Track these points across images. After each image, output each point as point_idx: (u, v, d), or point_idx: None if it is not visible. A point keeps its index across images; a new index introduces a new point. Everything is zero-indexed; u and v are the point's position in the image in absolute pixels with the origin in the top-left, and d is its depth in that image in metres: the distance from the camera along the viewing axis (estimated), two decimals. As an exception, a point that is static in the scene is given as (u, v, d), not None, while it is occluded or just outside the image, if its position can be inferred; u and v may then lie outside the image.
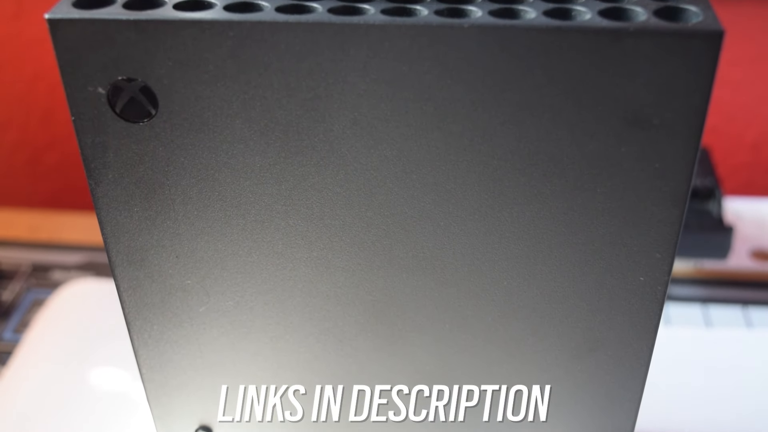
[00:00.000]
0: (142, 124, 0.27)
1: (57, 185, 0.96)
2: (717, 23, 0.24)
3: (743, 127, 0.84)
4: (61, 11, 0.26)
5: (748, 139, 0.85)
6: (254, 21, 0.25)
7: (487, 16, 0.25)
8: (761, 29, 0.78)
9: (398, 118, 0.26)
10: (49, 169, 0.95)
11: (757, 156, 0.86)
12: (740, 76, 0.81)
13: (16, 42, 0.88)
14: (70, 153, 0.93)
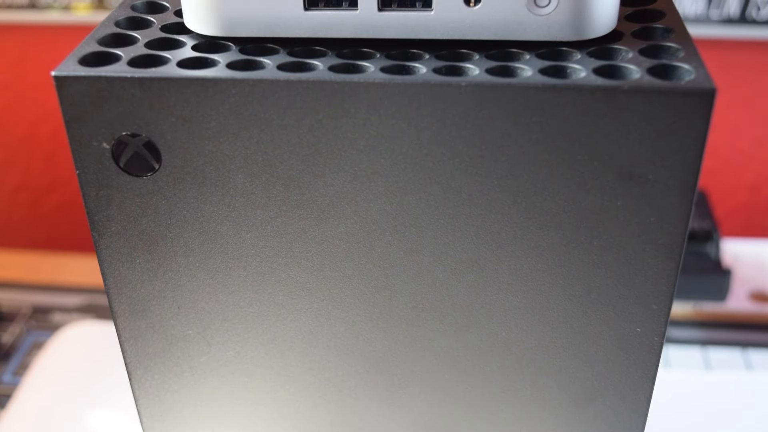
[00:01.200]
0: (146, 177, 0.28)
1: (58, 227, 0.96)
2: (709, 81, 0.25)
3: (740, 169, 0.85)
4: (67, 68, 0.26)
5: (745, 181, 0.85)
6: (256, 79, 0.26)
7: (485, 75, 0.26)
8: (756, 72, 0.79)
9: (397, 173, 0.27)
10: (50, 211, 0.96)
11: (755, 198, 0.86)
12: (736, 118, 0.82)
13: (19, 85, 0.89)
14: (71, 195, 0.94)
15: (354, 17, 0.27)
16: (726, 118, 0.81)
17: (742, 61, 0.78)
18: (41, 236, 0.97)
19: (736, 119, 0.82)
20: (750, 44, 0.77)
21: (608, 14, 0.27)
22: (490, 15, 0.27)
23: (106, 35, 0.29)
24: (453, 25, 0.27)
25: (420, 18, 0.27)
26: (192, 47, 0.28)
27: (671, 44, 0.27)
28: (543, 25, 0.27)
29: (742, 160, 0.84)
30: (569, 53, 0.27)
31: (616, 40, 0.28)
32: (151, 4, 0.31)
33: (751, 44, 0.77)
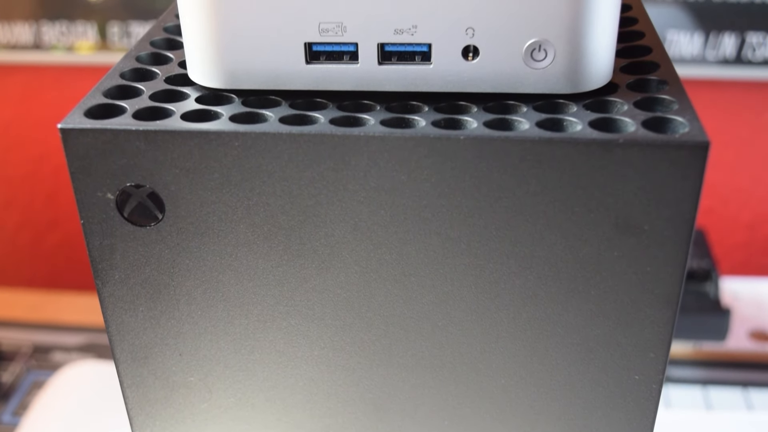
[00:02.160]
0: (149, 227, 0.28)
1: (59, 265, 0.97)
2: (703, 134, 0.25)
3: (738, 207, 0.85)
4: (73, 121, 0.27)
5: (743, 219, 0.86)
6: (258, 132, 0.26)
7: (483, 128, 0.26)
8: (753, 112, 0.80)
9: (397, 224, 0.27)
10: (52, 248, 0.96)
11: (753, 236, 0.87)
12: (734, 157, 0.82)
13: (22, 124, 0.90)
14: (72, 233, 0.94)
15: (355, 71, 0.28)
16: (724, 157, 0.82)
17: (739, 101, 0.79)
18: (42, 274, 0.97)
19: (734, 158, 0.82)
20: (746, 84, 0.78)
21: (603, 68, 0.28)
22: (487, 68, 0.27)
23: (111, 87, 0.29)
24: (452, 79, 0.28)
25: (419, 71, 0.28)
26: (195, 99, 0.28)
27: (665, 96, 0.28)
28: (540, 78, 0.27)
29: (740, 199, 0.85)
30: (566, 105, 0.28)
31: (612, 92, 0.28)
32: (156, 56, 0.32)
33: (748, 84, 0.78)
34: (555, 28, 0.26)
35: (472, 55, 0.27)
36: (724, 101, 0.79)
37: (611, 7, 0.27)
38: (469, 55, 0.27)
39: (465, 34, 0.27)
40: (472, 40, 0.27)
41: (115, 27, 0.81)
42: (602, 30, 0.27)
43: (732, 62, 0.76)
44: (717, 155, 0.82)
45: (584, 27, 0.26)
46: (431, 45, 0.27)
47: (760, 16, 0.74)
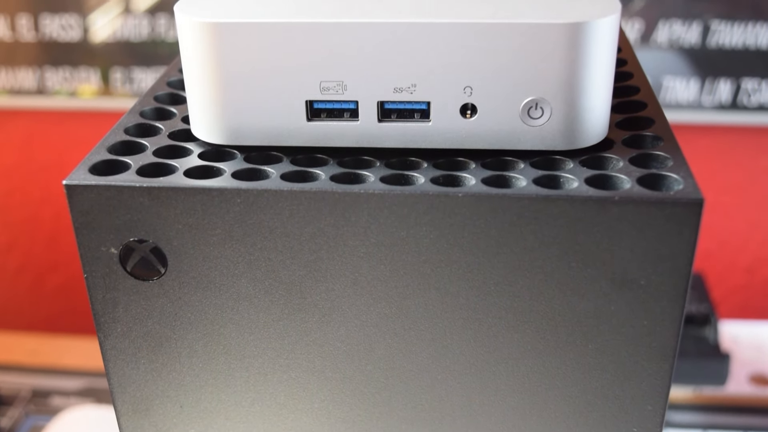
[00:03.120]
0: (152, 281, 0.29)
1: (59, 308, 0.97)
2: (697, 191, 0.26)
3: (737, 251, 0.85)
4: (77, 177, 0.27)
5: (741, 262, 0.86)
6: (260, 189, 0.26)
7: (480, 185, 0.27)
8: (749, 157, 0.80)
9: (397, 279, 0.27)
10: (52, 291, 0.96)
11: (752, 279, 0.87)
12: (731, 201, 0.83)
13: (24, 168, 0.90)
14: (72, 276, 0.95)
15: (355, 128, 0.28)
16: (721, 200, 0.83)
17: (735, 145, 0.80)
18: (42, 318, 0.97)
19: (732, 202, 0.83)
20: (742, 130, 0.79)
21: (599, 125, 0.28)
22: (485, 126, 0.28)
23: (115, 143, 0.30)
24: (450, 136, 0.28)
25: (418, 129, 0.28)
26: (198, 155, 0.29)
27: (660, 153, 0.28)
28: (536, 135, 0.28)
29: (738, 242, 0.85)
30: (562, 162, 0.28)
31: (608, 148, 0.29)
32: (160, 111, 0.32)
33: (743, 130, 0.79)
34: (551, 86, 0.27)
35: (470, 113, 0.28)
36: (720, 146, 0.80)
37: (606, 66, 0.27)
38: (467, 112, 0.28)
39: (463, 93, 0.27)
40: (470, 98, 0.27)
41: (117, 72, 0.82)
42: (598, 88, 0.27)
43: (728, 108, 0.76)
44: (714, 199, 0.83)
45: (580, 86, 0.27)
46: (430, 103, 0.28)
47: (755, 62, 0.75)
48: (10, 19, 0.81)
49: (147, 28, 0.80)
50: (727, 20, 0.73)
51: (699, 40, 0.74)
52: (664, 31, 0.74)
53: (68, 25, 0.81)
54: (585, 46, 0.26)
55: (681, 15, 0.74)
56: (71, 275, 0.95)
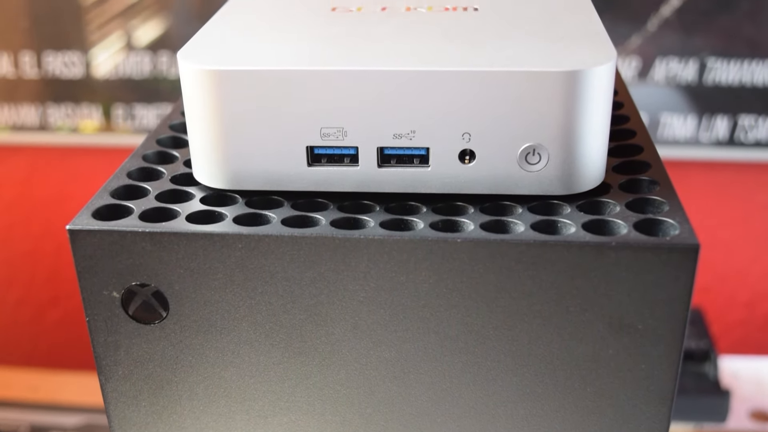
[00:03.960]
0: (153, 325, 0.29)
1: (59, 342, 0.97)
2: (693, 237, 0.26)
3: (736, 286, 0.86)
4: (81, 222, 0.28)
5: (741, 297, 0.86)
6: (261, 234, 0.27)
7: (479, 230, 0.27)
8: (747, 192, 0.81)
9: (396, 323, 0.28)
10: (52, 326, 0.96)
11: (752, 314, 0.87)
12: (730, 236, 0.83)
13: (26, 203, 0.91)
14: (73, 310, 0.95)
15: (355, 173, 0.29)
16: (720, 236, 0.83)
17: (733, 181, 0.80)
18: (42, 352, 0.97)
19: (730, 237, 0.83)
20: (739, 166, 0.79)
21: (596, 170, 0.29)
22: (483, 171, 0.28)
23: (118, 187, 0.30)
24: (449, 181, 0.28)
25: (417, 174, 0.28)
26: (200, 200, 0.29)
27: (656, 197, 0.29)
28: (534, 180, 0.28)
29: (737, 277, 0.85)
30: (560, 206, 0.28)
31: (605, 193, 0.29)
32: (162, 154, 0.33)
33: (741, 166, 0.79)
34: (549, 133, 0.27)
35: (469, 159, 0.28)
36: (718, 182, 0.80)
37: (603, 112, 0.28)
38: (465, 158, 0.28)
39: (462, 139, 0.28)
40: (469, 144, 0.28)
41: (119, 109, 0.83)
42: (595, 135, 0.28)
43: (725, 144, 0.77)
44: (713, 234, 0.83)
45: (577, 132, 0.27)
46: (429, 149, 0.28)
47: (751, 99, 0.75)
48: (13, 56, 0.82)
49: (149, 65, 0.80)
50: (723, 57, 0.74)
51: (696, 77, 0.75)
52: (661, 68, 0.75)
53: (71, 62, 0.82)
54: (582, 93, 0.27)
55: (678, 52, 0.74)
56: (71, 310, 0.95)
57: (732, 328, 0.87)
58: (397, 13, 0.33)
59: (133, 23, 0.79)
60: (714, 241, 0.83)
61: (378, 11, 0.33)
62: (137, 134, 0.83)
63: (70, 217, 0.89)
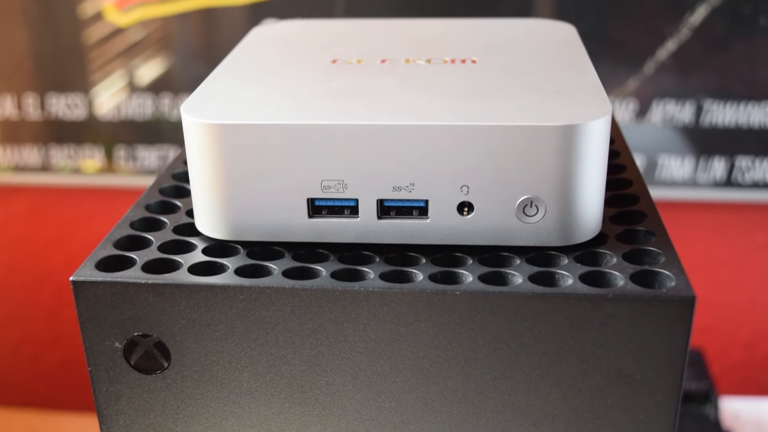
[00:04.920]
0: (155, 375, 0.29)
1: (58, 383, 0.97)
2: (689, 288, 0.26)
3: (735, 326, 0.86)
4: (84, 273, 0.28)
5: (741, 338, 0.86)
6: (262, 286, 0.27)
7: (478, 282, 0.27)
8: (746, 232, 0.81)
9: (396, 374, 0.28)
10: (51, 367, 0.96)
11: (752, 354, 0.87)
12: (729, 276, 0.83)
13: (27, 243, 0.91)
14: (72, 351, 0.94)
15: (355, 224, 0.29)
16: (719, 276, 0.83)
17: (731, 222, 0.81)
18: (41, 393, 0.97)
19: (729, 277, 0.83)
20: (737, 206, 0.79)
21: (593, 221, 0.29)
22: (482, 223, 0.29)
23: (121, 237, 0.30)
24: (448, 232, 0.29)
25: (417, 225, 0.29)
26: (202, 250, 0.30)
27: (653, 249, 0.29)
28: (532, 232, 0.29)
29: (737, 317, 0.85)
30: (557, 257, 0.29)
31: (601, 243, 0.29)
32: (164, 204, 0.33)
33: (739, 206, 0.79)
34: (546, 185, 0.28)
35: (467, 211, 0.28)
36: (716, 222, 0.81)
37: (599, 165, 0.28)
38: (464, 210, 0.28)
39: (460, 191, 0.28)
40: (467, 196, 0.28)
41: (121, 150, 0.84)
42: (591, 187, 0.28)
43: (723, 185, 0.77)
44: (712, 274, 0.83)
45: (574, 184, 0.28)
46: (428, 201, 0.28)
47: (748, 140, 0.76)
48: (17, 98, 0.83)
49: (151, 107, 0.81)
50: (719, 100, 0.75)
51: (693, 119, 0.76)
52: (659, 110, 0.76)
53: (74, 104, 0.83)
54: (578, 147, 0.27)
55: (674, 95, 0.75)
56: (71, 350, 0.95)
57: (732, 368, 0.87)
58: (396, 66, 0.33)
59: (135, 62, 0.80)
60: (713, 281, 0.83)
61: (378, 63, 0.34)
62: (139, 175, 0.84)
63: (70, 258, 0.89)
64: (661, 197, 0.78)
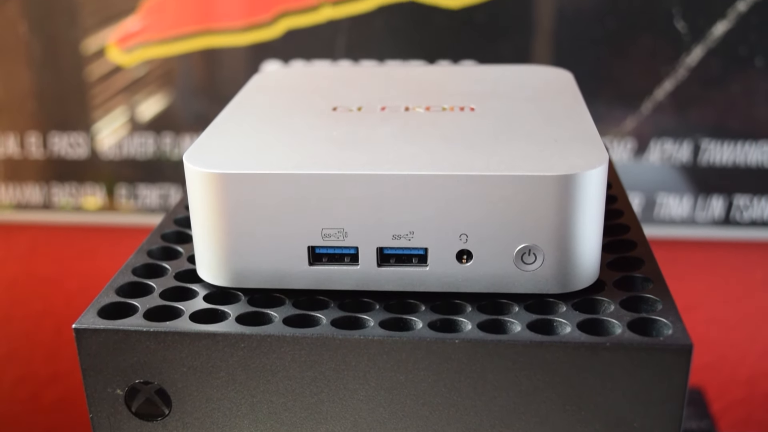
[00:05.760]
0: (156, 422, 0.29)
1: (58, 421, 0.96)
2: (686, 337, 0.27)
3: (736, 364, 0.86)
4: (87, 321, 0.28)
5: (741, 376, 0.86)
6: (263, 334, 0.27)
7: (476, 330, 0.27)
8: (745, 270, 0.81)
9: (396, 421, 0.28)
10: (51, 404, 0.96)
11: (752, 392, 0.87)
12: (729, 314, 0.83)
13: (28, 281, 0.91)
14: (72, 389, 0.94)
15: (355, 272, 0.29)
16: (719, 314, 0.83)
17: (730, 260, 0.81)
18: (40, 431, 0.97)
19: (729, 315, 0.83)
20: (737, 245, 0.80)
21: (590, 269, 0.29)
22: (481, 271, 0.29)
23: (123, 284, 0.31)
24: (447, 280, 0.29)
25: (416, 273, 0.29)
26: (204, 297, 0.30)
27: (650, 296, 0.29)
28: (530, 279, 0.29)
29: (737, 355, 0.85)
30: (555, 305, 0.29)
31: (599, 290, 0.30)
32: (166, 250, 0.33)
33: (738, 245, 0.80)
34: (544, 234, 0.28)
35: (466, 259, 0.29)
36: (715, 261, 0.81)
37: (596, 213, 0.29)
38: (463, 258, 0.29)
39: (459, 240, 0.28)
40: (466, 245, 0.29)
41: (123, 188, 0.84)
42: (589, 235, 0.29)
43: (721, 223, 0.78)
44: (712, 312, 0.83)
45: (572, 233, 0.28)
46: (427, 249, 0.29)
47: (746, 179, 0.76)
48: (20, 137, 0.83)
49: (152, 146, 0.82)
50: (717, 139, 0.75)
51: (691, 157, 0.76)
52: (657, 149, 0.76)
53: (76, 143, 0.83)
54: (575, 196, 0.28)
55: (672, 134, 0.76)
56: (70, 388, 0.95)
57: (733, 406, 0.87)
58: (396, 113, 0.34)
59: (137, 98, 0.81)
60: (713, 319, 0.83)
61: (378, 110, 0.34)
62: (140, 213, 0.84)
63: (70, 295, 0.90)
64: (660, 235, 0.78)
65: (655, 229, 0.77)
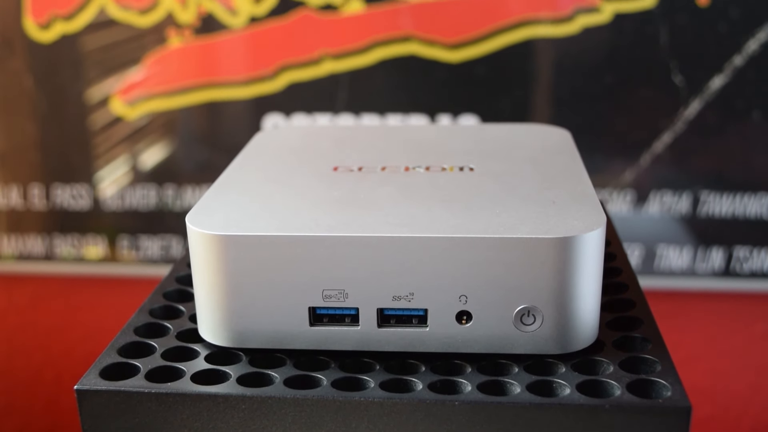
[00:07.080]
0: (156, 483, 0.29)
1: (56, 474, 0.95)
2: (685, 399, 0.27)
3: (738, 415, 0.85)
4: (88, 382, 0.29)
5: (743, 428, 0.85)
6: (264, 396, 0.28)
7: (476, 392, 0.28)
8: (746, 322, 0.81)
9: (396, 483, 0.28)
10: (50, 457, 0.95)
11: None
12: (731, 366, 0.83)
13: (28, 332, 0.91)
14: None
15: (355, 332, 0.30)
16: (720, 365, 0.83)
17: (731, 311, 0.81)
18: (38, 484, 0.96)
19: (731, 366, 0.83)
20: (737, 296, 0.80)
21: (589, 329, 0.30)
22: (480, 332, 0.29)
23: (125, 344, 0.31)
24: (447, 341, 0.29)
25: (416, 334, 0.29)
26: (205, 358, 0.30)
27: (649, 356, 0.29)
28: (529, 340, 0.29)
29: (739, 406, 0.85)
30: (555, 365, 0.29)
31: (598, 351, 0.30)
32: (168, 309, 0.34)
33: (738, 296, 0.80)
34: (543, 295, 0.28)
35: (466, 320, 0.29)
36: (716, 312, 0.81)
37: (594, 274, 0.29)
38: (462, 319, 0.29)
39: (459, 301, 0.29)
40: (466, 306, 0.29)
41: (124, 240, 0.84)
42: (587, 296, 0.29)
43: (721, 275, 0.78)
44: (713, 364, 0.83)
45: (570, 294, 0.28)
46: (427, 310, 0.29)
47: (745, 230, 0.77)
48: (23, 188, 0.84)
49: (155, 197, 0.82)
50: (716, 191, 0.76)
51: (690, 209, 0.77)
52: (656, 200, 0.77)
53: (78, 195, 0.84)
54: (573, 257, 0.28)
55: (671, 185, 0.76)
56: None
57: (736, 459, 0.86)
58: (396, 173, 0.34)
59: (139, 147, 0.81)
60: (714, 370, 0.83)
61: (378, 171, 0.34)
62: (142, 264, 0.85)
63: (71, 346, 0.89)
64: (660, 287, 0.78)
65: (655, 280, 0.77)
